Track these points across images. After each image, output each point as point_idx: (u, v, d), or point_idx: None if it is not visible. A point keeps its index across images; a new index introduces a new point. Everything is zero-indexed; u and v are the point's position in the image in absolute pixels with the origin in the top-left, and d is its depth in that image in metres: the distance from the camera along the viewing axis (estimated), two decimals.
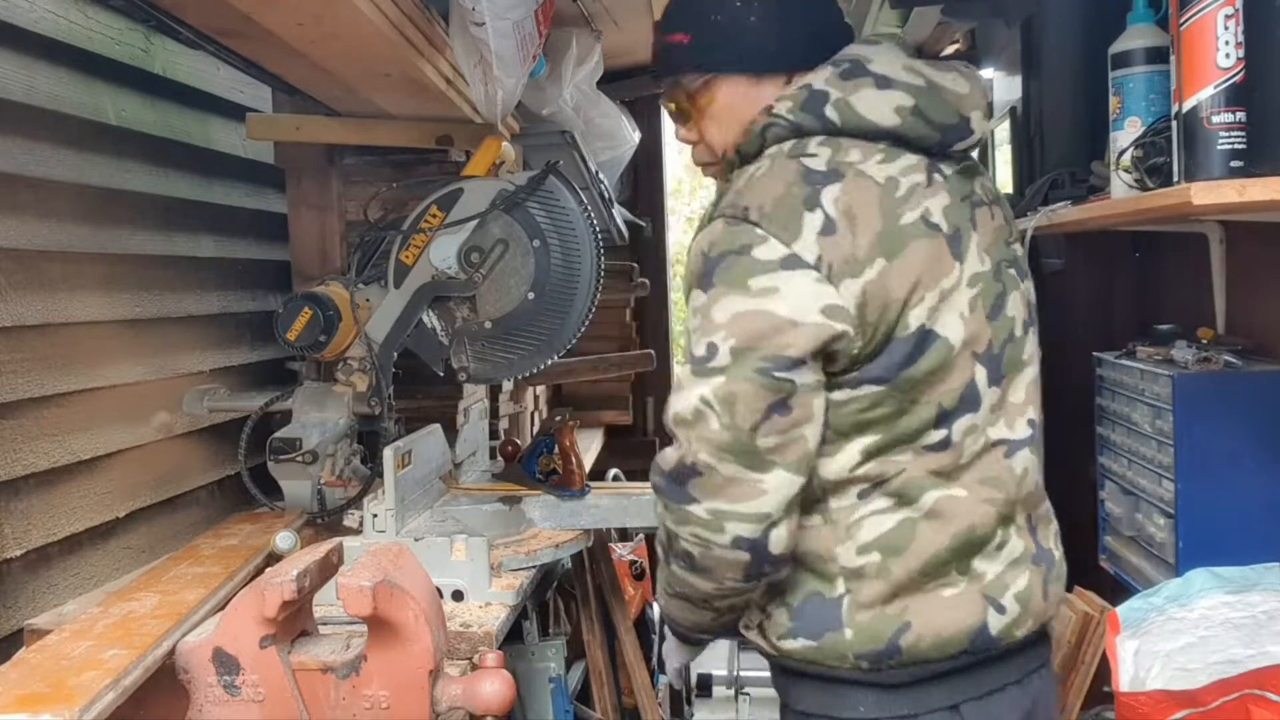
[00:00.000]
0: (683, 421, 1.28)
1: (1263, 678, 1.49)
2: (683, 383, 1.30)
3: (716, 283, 1.28)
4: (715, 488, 1.26)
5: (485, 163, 2.14)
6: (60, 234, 1.74)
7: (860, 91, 1.35)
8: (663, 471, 1.30)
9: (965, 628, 1.36)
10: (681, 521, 1.29)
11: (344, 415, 2.12)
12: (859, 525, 1.35)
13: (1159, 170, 1.55)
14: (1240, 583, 1.63)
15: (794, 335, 1.26)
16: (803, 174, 1.31)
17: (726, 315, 1.27)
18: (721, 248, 1.29)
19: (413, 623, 1.18)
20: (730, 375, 1.26)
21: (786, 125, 1.36)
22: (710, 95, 1.45)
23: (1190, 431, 1.78)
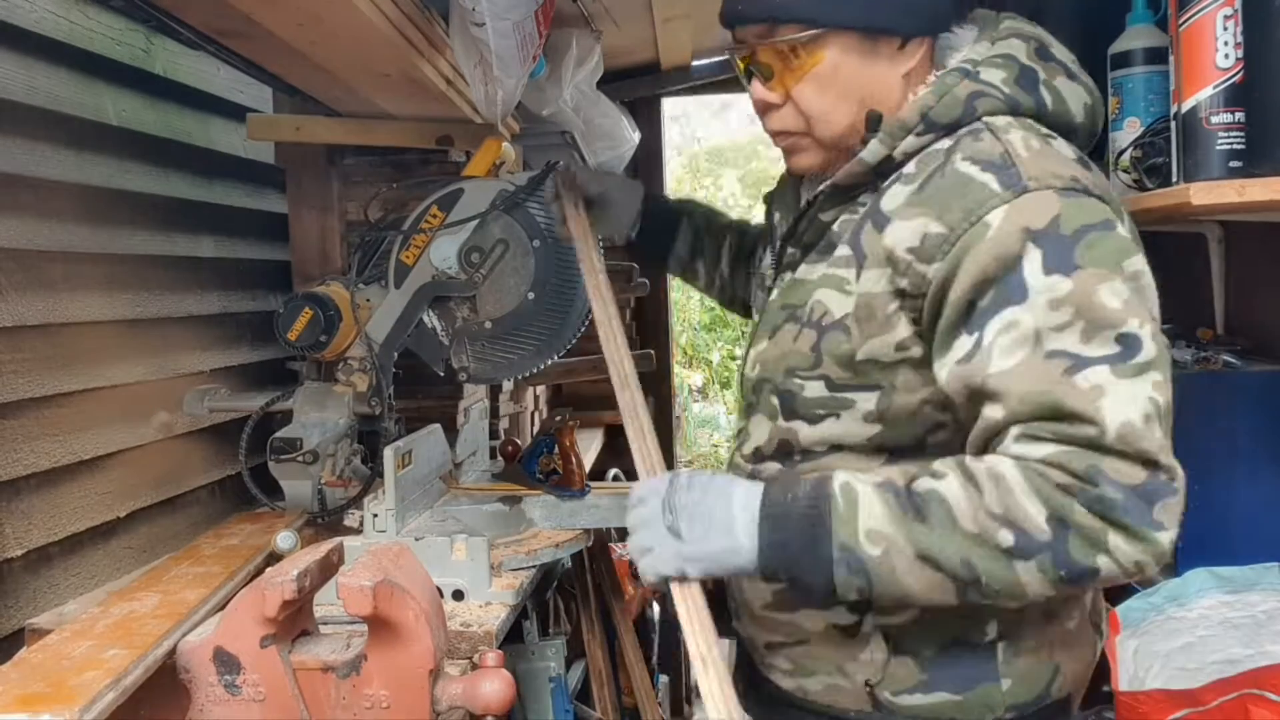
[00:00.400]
0: (1133, 433, 1.02)
1: (1261, 677, 1.49)
2: (1104, 386, 1.02)
3: (1084, 263, 1.05)
4: (1180, 513, 1.05)
5: (485, 163, 2.14)
6: (60, 234, 1.75)
7: (1058, 78, 1.21)
8: (1120, 484, 1.02)
9: (1088, 661, 1.29)
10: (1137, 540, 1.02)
11: (344, 415, 2.12)
12: None
13: (1158, 170, 1.56)
14: (1239, 582, 1.63)
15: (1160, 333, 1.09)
16: (1077, 159, 1.14)
17: (1119, 299, 1.05)
18: (1076, 221, 1.07)
19: (413, 622, 1.18)
20: (1163, 370, 1.06)
21: (1002, 98, 1.17)
22: (818, 53, 1.21)
23: (1190, 431, 1.78)
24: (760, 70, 1.26)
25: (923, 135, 1.18)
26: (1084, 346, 1.04)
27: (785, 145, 1.31)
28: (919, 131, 1.18)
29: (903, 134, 1.18)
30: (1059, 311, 1.05)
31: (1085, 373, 1.03)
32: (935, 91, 1.18)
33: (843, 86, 1.22)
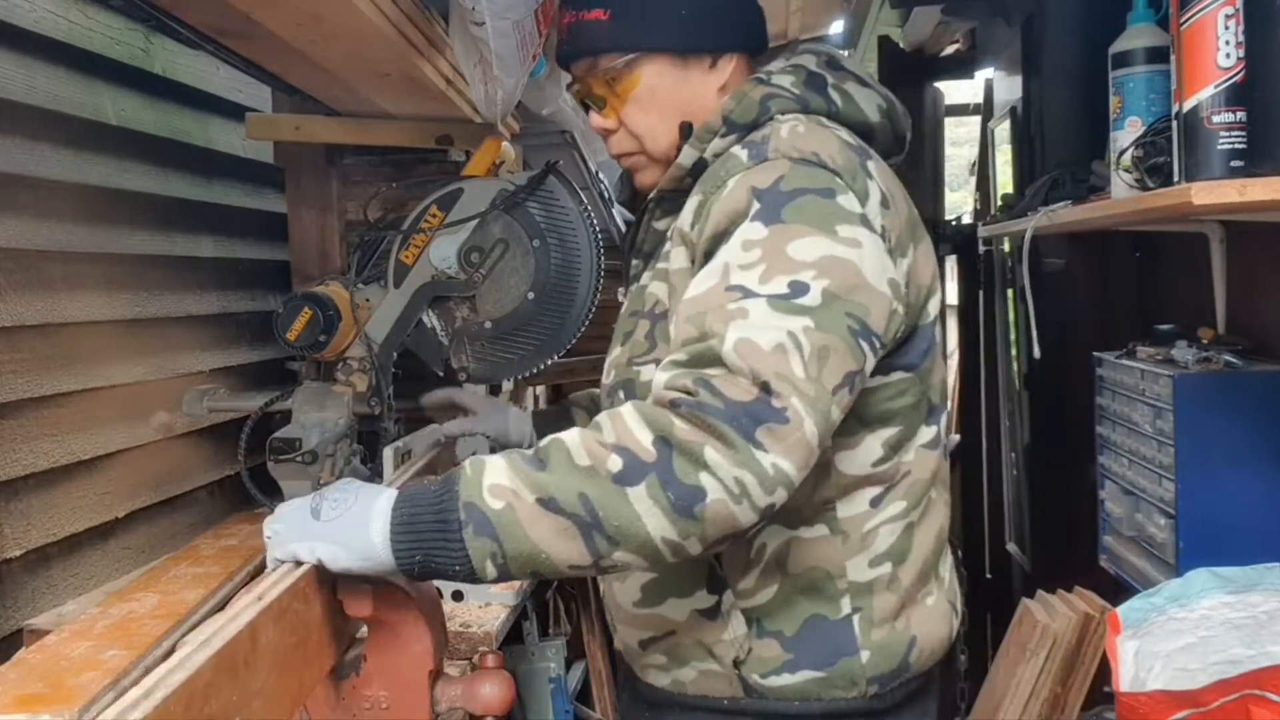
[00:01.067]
0: (753, 352, 1.03)
1: (1263, 678, 1.49)
2: (750, 311, 1.06)
3: (789, 219, 1.12)
4: (793, 445, 1.00)
5: (485, 163, 2.14)
6: (60, 234, 1.74)
7: (848, 84, 1.32)
8: (725, 396, 1.01)
9: (944, 636, 1.33)
10: (737, 461, 0.99)
11: (344, 415, 2.11)
12: (874, 534, 1.25)
13: (1159, 170, 1.55)
14: (1241, 583, 1.63)
15: (874, 301, 1.12)
16: (843, 143, 1.23)
17: (814, 254, 1.09)
18: (796, 184, 1.14)
19: (413, 624, 1.18)
20: (821, 321, 1.06)
21: (792, 98, 1.27)
22: (633, 78, 1.33)
23: (1190, 431, 1.78)
24: (594, 101, 1.38)
25: (727, 136, 1.28)
26: (758, 285, 1.09)
27: (628, 165, 1.43)
28: (723, 133, 1.28)
29: (710, 136, 1.29)
30: (749, 252, 1.12)
31: (744, 302, 1.08)
32: (734, 98, 1.29)
33: (661, 105, 1.35)
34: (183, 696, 0.78)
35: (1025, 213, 2.33)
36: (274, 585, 1.01)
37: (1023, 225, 2.20)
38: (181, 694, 0.78)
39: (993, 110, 3.82)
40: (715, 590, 1.27)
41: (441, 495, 1.05)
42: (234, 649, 0.87)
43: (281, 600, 0.99)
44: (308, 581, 1.07)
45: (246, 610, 0.93)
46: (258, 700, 0.91)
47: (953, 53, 4.05)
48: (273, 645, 0.95)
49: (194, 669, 0.81)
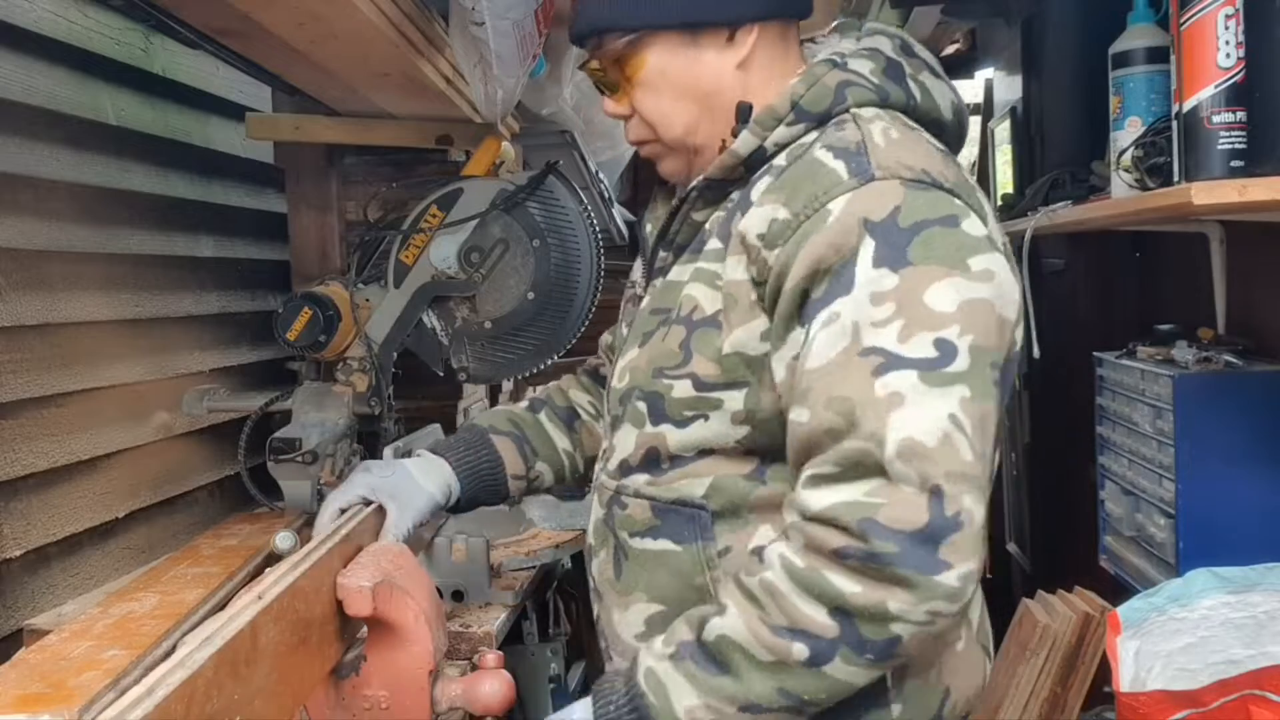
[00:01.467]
0: (920, 453, 0.95)
1: (1263, 678, 1.49)
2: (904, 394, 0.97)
3: (916, 260, 1.00)
4: (972, 545, 0.95)
5: (485, 163, 2.14)
6: (59, 234, 1.74)
7: (923, 74, 1.19)
8: (898, 532, 0.94)
9: (979, 686, 1.22)
10: (924, 597, 0.94)
11: (344, 415, 2.11)
12: None
13: (1159, 170, 1.55)
14: (1241, 583, 1.63)
15: (1009, 336, 1.04)
16: (939, 153, 1.11)
17: (952, 303, 0.99)
18: (916, 214, 1.02)
19: (413, 623, 1.18)
20: (975, 387, 0.99)
21: (871, 88, 1.14)
22: (640, 59, 1.20)
23: (1190, 431, 1.78)
24: (606, 85, 1.25)
25: (793, 125, 1.14)
26: (899, 345, 0.99)
27: (646, 154, 1.30)
28: (789, 121, 1.14)
29: (774, 123, 1.15)
30: (880, 307, 1.01)
31: (891, 375, 0.99)
32: (805, 81, 1.15)
33: (673, 87, 1.21)
34: (184, 695, 0.78)
35: (1025, 213, 2.33)
36: (274, 585, 1.01)
37: (1023, 225, 2.20)
38: (183, 692, 0.78)
39: (993, 110, 3.82)
40: None
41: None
42: (235, 648, 0.87)
43: (282, 600, 0.99)
44: (308, 581, 1.07)
45: (247, 609, 0.93)
46: (259, 699, 0.91)
47: (953, 53, 4.05)
48: (273, 644, 0.95)
49: (195, 667, 0.81)
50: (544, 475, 1.50)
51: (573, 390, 1.56)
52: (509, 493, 1.49)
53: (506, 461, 1.47)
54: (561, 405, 1.54)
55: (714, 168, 1.19)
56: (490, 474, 1.46)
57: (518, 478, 1.48)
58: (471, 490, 1.45)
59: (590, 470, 1.47)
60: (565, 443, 1.51)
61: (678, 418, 1.16)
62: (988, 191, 3.91)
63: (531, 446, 1.48)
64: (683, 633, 1.08)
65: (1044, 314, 2.49)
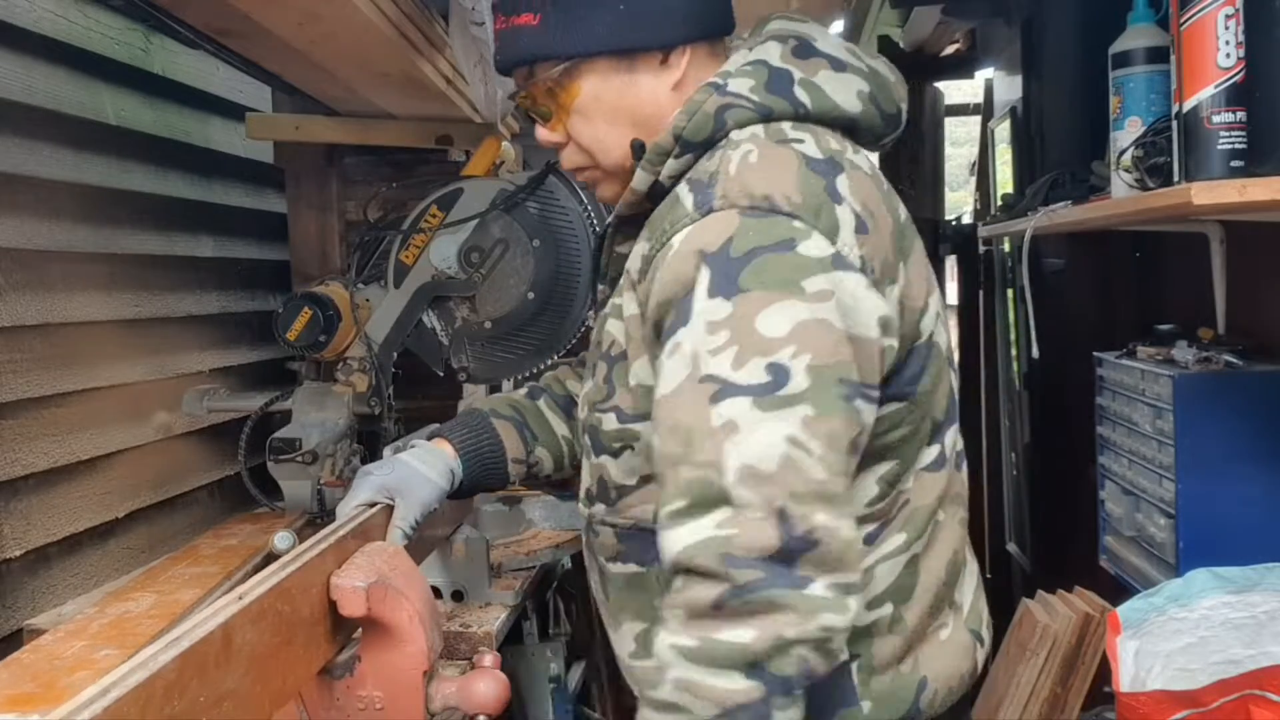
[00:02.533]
0: (759, 477, 0.97)
1: (1263, 678, 1.48)
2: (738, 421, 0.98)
3: (748, 286, 1.01)
4: (836, 556, 0.96)
5: (485, 163, 2.14)
6: (60, 234, 1.74)
7: (820, 73, 1.17)
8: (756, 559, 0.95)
9: (964, 672, 1.21)
10: (807, 613, 0.95)
11: (344, 415, 2.12)
12: (869, 575, 1.13)
13: (1159, 170, 1.55)
14: (1241, 583, 1.62)
15: (861, 351, 1.03)
16: (805, 162, 1.09)
17: (784, 327, 1.00)
18: (750, 242, 1.03)
19: (407, 624, 1.18)
20: (819, 405, 0.99)
21: (751, 106, 1.13)
22: (573, 86, 1.20)
23: (1190, 431, 1.78)
24: (539, 113, 1.25)
25: (681, 156, 1.15)
26: (734, 372, 1.00)
27: (584, 179, 1.31)
28: (676, 154, 1.15)
29: (661, 159, 1.16)
30: (715, 335, 1.01)
31: (726, 404, 0.99)
32: (686, 111, 1.15)
33: (608, 113, 1.21)
34: (140, 697, 0.78)
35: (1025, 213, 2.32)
36: (256, 585, 1.01)
37: (1023, 225, 2.20)
38: (139, 694, 0.78)
39: (993, 110, 3.82)
40: None
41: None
42: (204, 649, 0.87)
43: (263, 600, 0.98)
44: (295, 581, 1.06)
45: (223, 610, 0.93)
46: (229, 701, 0.90)
47: (953, 53, 4.05)
48: (250, 646, 0.94)
49: (155, 669, 0.80)
50: (544, 461, 1.52)
51: (569, 380, 1.58)
52: (510, 476, 1.50)
53: (508, 445, 1.47)
54: (560, 394, 1.56)
55: (621, 204, 1.22)
56: (492, 456, 1.47)
57: (518, 461, 1.49)
58: (474, 473, 1.46)
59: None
60: (564, 429, 1.52)
61: (611, 449, 1.20)
62: (988, 191, 3.91)
63: (531, 431, 1.50)
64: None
65: (1044, 314, 2.49)
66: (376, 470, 1.42)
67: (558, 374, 1.60)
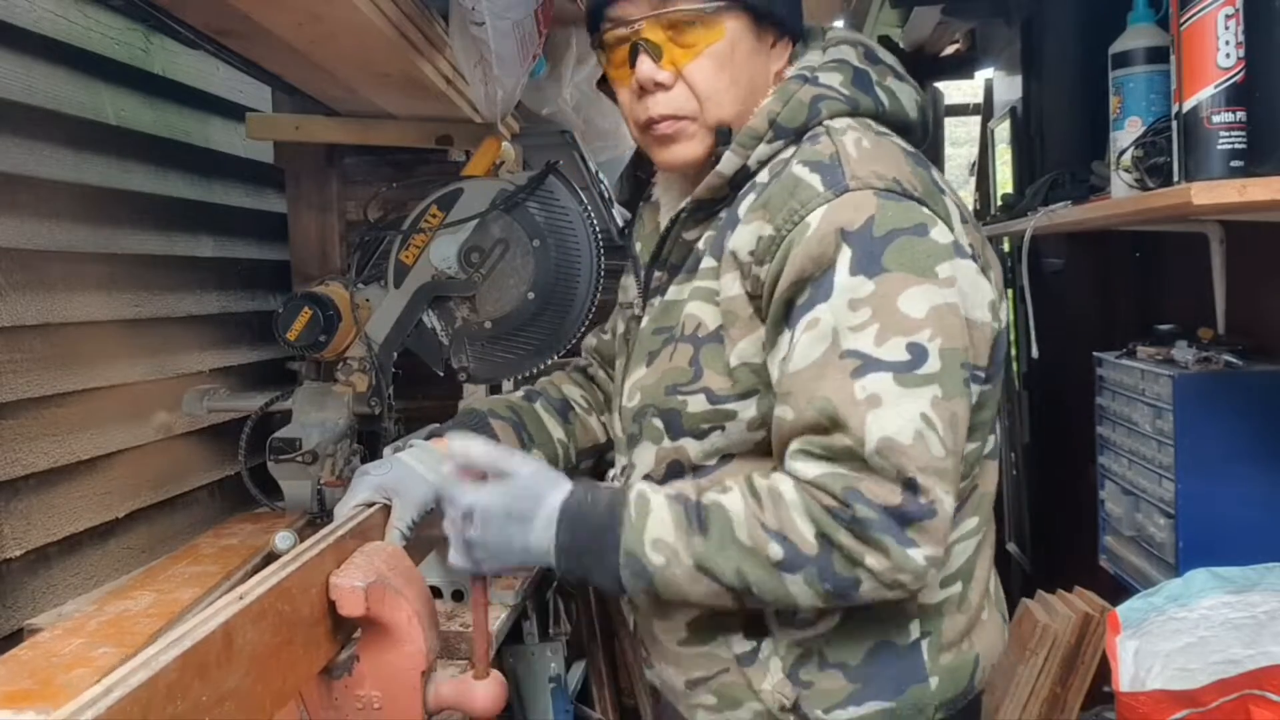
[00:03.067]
0: (896, 449, 1.03)
1: (1263, 678, 1.49)
2: (882, 395, 1.03)
3: (891, 266, 1.06)
4: (941, 531, 1.04)
5: (485, 163, 2.14)
6: (60, 234, 1.74)
7: (889, 79, 1.23)
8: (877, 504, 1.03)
9: (1001, 650, 1.29)
10: (895, 566, 1.03)
11: (344, 415, 2.11)
12: (949, 553, 1.17)
13: (1159, 170, 1.55)
14: (1241, 583, 1.63)
15: (978, 336, 1.11)
16: (905, 154, 1.15)
17: (923, 309, 1.05)
18: (889, 223, 1.07)
19: (406, 624, 1.18)
20: (946, 386, 1.05)
21: (843, 99, 1.18)
22: (718, 29, 1.18)
23: (1190, 431, 1.78)
24: (649, 48, 1.19)
25: (773, 142, 1.18)
26: (876, 348, 1.05)
27: (671, 131, 1.23)
28: (769, 139, 1.18)
29: (754, 143, 1.18)
30: (857, 312, 1.06)
31: (868, 378, 1.05)
32: (779, 98, 1.19)
33: (736, 68, 1.20)
34: (142, 697, 0.78)
35: (1025, 213, 2.33)
36: (257, 585, 1.01)
37: (1023, 225, 2.20)
38: (140, 694, 0.78)
39: (993, 110, 3.82)
40: (753, 636, 1.21)
41: (604, 533, 1.11)
42: (205, 649, 0.87)
43: (263, 600, 0.99)
44: (295, 581, 1.06)
45: (224, 610, 0.93)
46: (231, 701, 0.90)
47: (953, 53, 4.06)
48: (251, 646, 0.94)
49: (157, 669, 0.80)
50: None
51: (565, 385, 1.59)
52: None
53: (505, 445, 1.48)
54: (556, 397, 1.57)
55: (702, 188, 1.22)
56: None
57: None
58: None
59: (581, 460, 1.55)
60: (560, 432, 1.54)
61: (696, 431, 1.21)
62: (988, 191, 3.92)
63: (528, 433, 1.52)
64: (683, 487, 1.14)
65: (1044, 314, 2.49)
66: (374, 470, 1.43)
67: (553, 379, 1.62)
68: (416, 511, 1.38)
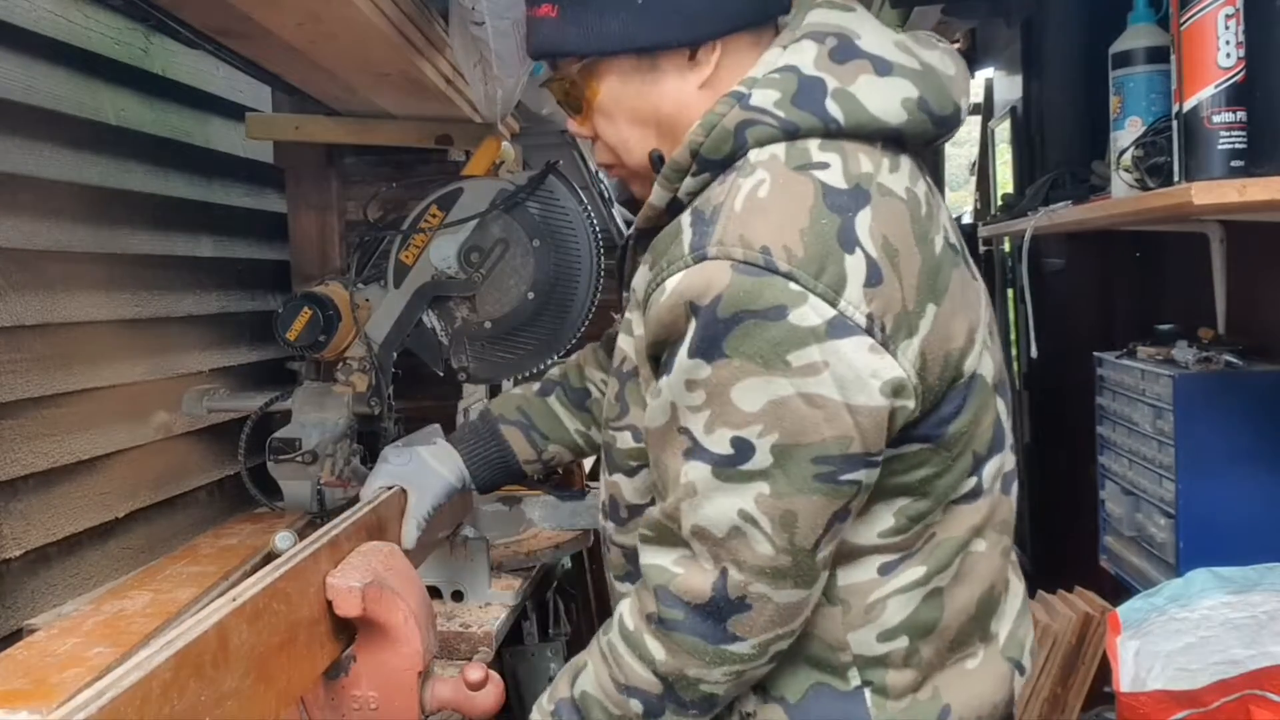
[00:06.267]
0: (710, 539, 1.00)
1: (1263, 678, 1.49)
2: (697, 485, 1.00)
3: (730, 353, 0.97)
4: (767, 621, 1.01)
5: (485, 162, 2.14)
6: (59, 234, 1.74)
7: (860, 79, 1.05)
8: (684, 603, 1.01)
9: (997, 700, 1.16)
10: (715, 662, 1.02)
11: (343, 415, 2.11)
12: (881, 606, 1.09)
13: (1159, 170, 1.55)
14: (1241, 583, 1.63)
15: (855, 427, 0.98)
16: (824, 196, 1.00)
17: (758, 403, 0.97)
18: (736, 305, 0.97)
19: (402, 624, 1.18)
20: (778, 485, 0.98)
21: (775, 124, 1.04)
22: (594, 83, 1.14)
23: (1191, 431, 1.78)
24: (568, 106, 1.20)
25: (699, 175, 1.08)
26: (704, 436, 1.01)
27: (614, 176, 1.26)
28: (694, 172, 1.09)
29: (679, 176, 1.10)
30: (693, 393, 1.01)
31: (692, 464, 1.02)
32: (704, 125, 1.07)
33: (629, 114, 1.15)
34: (136, 697, 0.78)
35: (1025, 213, 2.33)
36: (250, 585, 1.01)
37: (1023, 225, 2.20)
38: (134, 695, 0.78)
39: (993, 110, 3.82)
40: None
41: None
42: (199, 649, 0.87)
43: (258, 600, 0.99)
44: (291, 581, 1.06)
45: (217, 610, 0.93)
46: (233, 701, 0.90)
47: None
48: (248, 646, 0.95)
49: (150, 669, 0.80)
50: (560, 454, 1.57)
51: (588, 367, 1.56)
52: (527, 474, 1.58)
53: (516, 450, 1.54)
54: (575, 386, 1.56)
55: (639, 219, 1.18)
56: (501, 461, 1.54)
57: (530, 462, 1.55)
58: (486, 476, 1.54)
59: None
60: (576, 423, 1.55)
61: (626, 468, 1.21)
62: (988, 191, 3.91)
63: (539, 432, 1.54)
64: (562, 689, 1.18)
65: (1044, 314, 2.49)
66: (394, 459, 1.48)
67: (579, 358, 1.59)
68: (431, 503, 1.43)
